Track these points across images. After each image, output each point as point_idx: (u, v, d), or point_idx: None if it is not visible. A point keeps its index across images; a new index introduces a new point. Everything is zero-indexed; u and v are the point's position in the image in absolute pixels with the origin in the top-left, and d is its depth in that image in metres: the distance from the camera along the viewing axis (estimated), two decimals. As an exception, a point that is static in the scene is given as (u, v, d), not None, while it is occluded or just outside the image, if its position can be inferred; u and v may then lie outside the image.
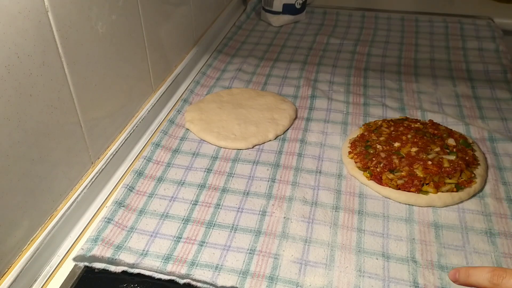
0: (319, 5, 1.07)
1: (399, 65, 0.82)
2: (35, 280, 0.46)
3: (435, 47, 0.87)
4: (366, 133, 0.62)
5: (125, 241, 0.49)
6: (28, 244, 0.46)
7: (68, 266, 0.48)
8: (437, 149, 0.57)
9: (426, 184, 0.54)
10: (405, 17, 1.00)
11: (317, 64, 0.83)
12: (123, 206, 0.53)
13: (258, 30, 0.97)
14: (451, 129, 0.62)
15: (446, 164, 0.55)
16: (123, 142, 0.60)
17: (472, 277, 0.37)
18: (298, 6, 0.97)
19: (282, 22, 0.98)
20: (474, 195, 0.54)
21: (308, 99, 0.73)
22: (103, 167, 0.56)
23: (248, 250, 0.48)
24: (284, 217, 0.52)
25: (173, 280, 0.46)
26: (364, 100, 0.72)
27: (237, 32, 0.96)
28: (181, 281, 0.45)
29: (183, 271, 0.45)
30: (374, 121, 0.65)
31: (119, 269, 0.46)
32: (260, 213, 0.52)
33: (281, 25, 0.99)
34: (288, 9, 0.97)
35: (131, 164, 0.61)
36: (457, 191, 0.53)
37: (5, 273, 0.43)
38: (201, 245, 0.49)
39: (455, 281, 0.38)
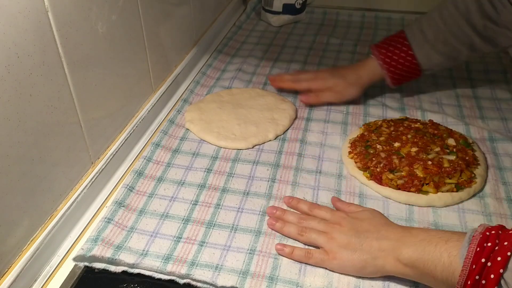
0: (319, 5, 1.07)
1: None
2: (35, 280, 0.46)
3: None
4: (366, 133, 0.62)
5: (125, 241, 0.49)
6: (28, 244, 0.46)
7: (68, 266, 0.48)
8: (437, 149, 0.57)
9: (426, 184, 0.54)
10: (405, 17, 1.00)
11: (318, 64, 0.83)
12: (123, 206, 0.53)
13: (258, 30, 0.97)
14: (451, 129, 0.62)
15: (446, 164, 0.55)
16: (123, 142, 0.60)
17: (285, 229, 0.49)
18: (298, 6, 0.97)
19: (282, 22, 0.98)
20: (474, 195, 0.54)
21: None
22: (103, 167, 0.56)
23: (248, 250, 0.48)
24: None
25: (173, 280, 0.46)
26: (364, 100, 0.72)
27: (237, 32, 0.96)
28: (181, 281, 0.45)
29: (183, 271, 0.45)
30: (374, 121, 0.65)
31: (119, 269, 0.46)
32: (260, 213, 0.52)
33: (281, 25, 0.98)
34: (288, 9, 0.97)
35: (131, 164, 0.61)
36: (457, 191, 0.53)
37: (5, 273, 0.43)
38: (201, 245, 0.49)
39: (272, 228, 0.50)
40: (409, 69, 0.66)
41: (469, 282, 0.35)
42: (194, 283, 0.45)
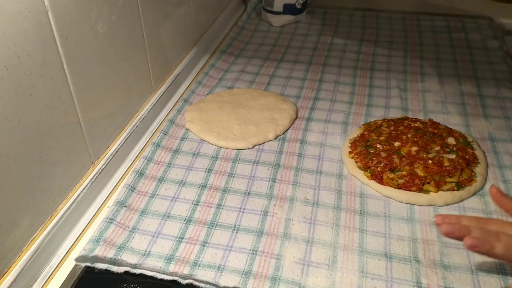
0: (319, 5, 1.07)
1: (405, 65, 0.82)
2: (35, 280, 0.46)
3: (439, 47, 0.87)
4: (366, 133, 0.62)
5: (127, 242, 0.49)
6: (28, 244, 0.46)
7: (68, 266, 0.48)
8: (437, 148, 0.57)
9: (427, 183, 0.53)
10: (406, 16, 1.00)
11: (323, 65, 0.82)
12: (125, 206, 0.53)
13: (261, 31, 0.97)
14: (451, 128, 0.62)
15: (446, 163, 0.55)
16: (123, 142, 0.60)
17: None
18: (298, 6, 0.97)
19: (283, 22, 0.98)
20: (474, 194, 0.54)
21: (311, 99, 0.72)
22: (103, 167, 0.56)
23: (250, 250, 0.48)
24: (286, 218, 0.52)
25: (175, 281, 0.45)
26: (368, 101, 0.72)
27: (240, 32, 0.96)
28: (184, 282, 0.45)
29: (186, 271, 0.45)
30: (374, 121, 0.65)
31: (121, 269, 0.46)
32: (262, 213, 0.52)
33: (282, 25, 0.98)
34: (289, 9, 0.96)
35: (131, 164, 0.61)
36: (457, 189, 0.53)
37: (5, 273, 0.43)
38: (203, 246, 0.48)
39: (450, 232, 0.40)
40: None
41: None
42: (196, 283, 0.45)
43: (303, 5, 0.98)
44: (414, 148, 0.57)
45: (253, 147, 0.63)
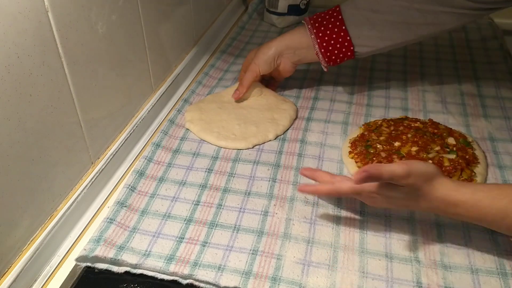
0: (319, 5, 1.07)
1: (405, 65, 0.82)
2: (35, 280, 0.46)
3: (439, 47, 0.87)
4: (366, 133, 0.62)
5: (128, 242, 0.49)
6: (28, 244, 0.46)
7: (68, 266, 0.48)
8: (437, 148, 0.57)
9: (428, 183, 0.53)
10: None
11: None
12: (125, 206, 0.52)
13: (261, 31, 0.97)
14: (451, 128, 0.62)
15: (446, 163, 0.55)
16: (123, 142, 0.60)
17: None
18: (302, 7, 0.97)
19: (287, 23, 0.97)
20: (475, 194, 0.54)
21: (310, 99, 0.72)
22: (103, 167, 0.56)
23: (250, 250, 0.48)
24: (286, 218, 0.52)
25: (175, 281, 0.45)
26: (368, 101, 0.72)
27: (240, 32, 0.95)
28: (184, 282, 0.45)
29: (186, 271, 0.45)
30: (374, 121, 0.65)
31: (121, 269, 0.46)
32: (262, 213, 0.52)
33: (286, 26, 0.98)
34: (293, 10, 0.96)
35: (131, 164, 0.61)
36: (458, 190, 0.53)
37: (5, 273, 0.43)
38: (204, 246, 0.48)
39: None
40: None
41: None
42: (196, 283, 0.45)
43: (306, 5, 0.98)
44: (414, 148, 0.57)
45: (253, 147, 0.63)
